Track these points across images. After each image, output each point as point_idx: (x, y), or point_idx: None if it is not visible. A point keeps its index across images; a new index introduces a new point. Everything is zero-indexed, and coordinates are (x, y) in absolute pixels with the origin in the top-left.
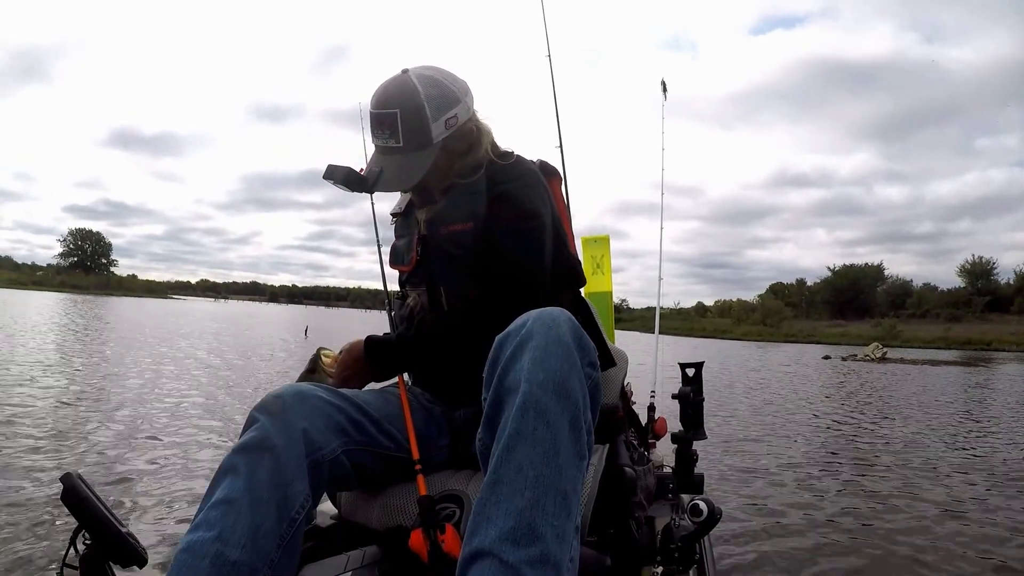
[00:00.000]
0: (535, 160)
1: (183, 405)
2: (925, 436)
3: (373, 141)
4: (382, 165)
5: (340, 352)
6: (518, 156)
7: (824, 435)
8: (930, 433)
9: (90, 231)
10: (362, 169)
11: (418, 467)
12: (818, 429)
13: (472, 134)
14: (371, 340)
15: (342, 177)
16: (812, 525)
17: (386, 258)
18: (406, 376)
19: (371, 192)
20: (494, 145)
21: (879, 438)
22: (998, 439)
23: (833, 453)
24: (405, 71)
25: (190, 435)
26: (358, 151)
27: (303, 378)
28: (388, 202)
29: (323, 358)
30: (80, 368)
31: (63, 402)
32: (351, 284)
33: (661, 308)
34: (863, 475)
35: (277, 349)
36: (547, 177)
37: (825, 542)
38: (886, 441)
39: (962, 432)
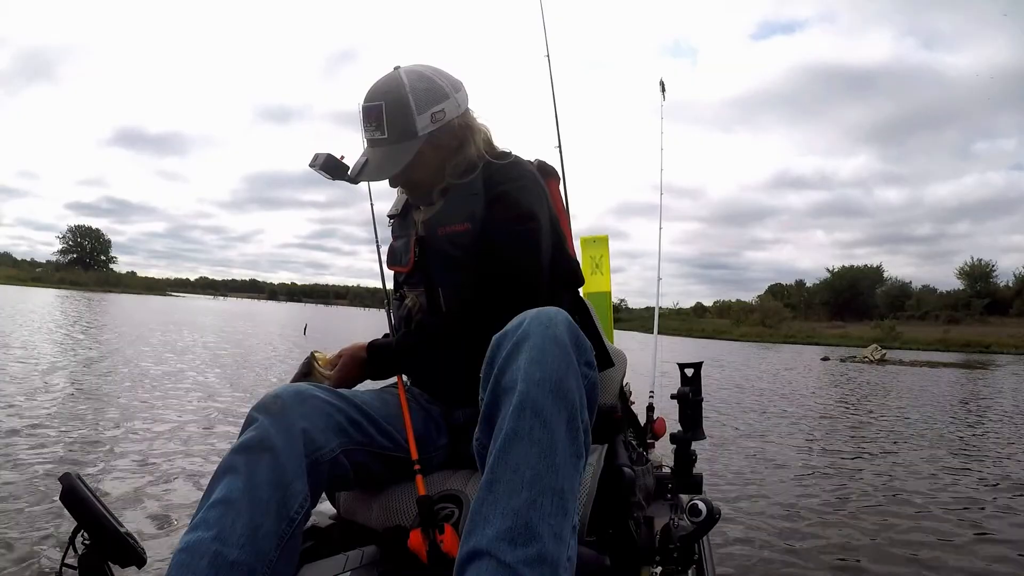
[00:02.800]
0: (533, 160)
1: (184, 404)
2: (925, 439)
3: (364, 135)
4: (368, 156)
5: (339, 355)
6: (515, 156)
7: (824, 436)
8: (930, 435)
9: (89, 228)
10: (343, 156)
11: (417, 467)
12: (818, 430)
13: (463, 131)
14: (374, 345)
15: (322, 163)
16: (811, 525)
17: (384, 258)
18: (404, 376)
19: (354, 182)
20: (490, 145)
21: (879, 440)
22: (997, 442)
23: (833, 454)
24: (397, 68)
25: (190, 434)
26: (359, 150)
27: (297, 381)
28: (387, 202)
29: (317, 361)
30: (79, 366)
31: (63, 401)
32: (351, 282)
33: (660, 308)
34: (863, 477)
35: (278, 347)
36: (545, 177)
37: (825, 542)
38: (886, 443)
39: (962, 434)
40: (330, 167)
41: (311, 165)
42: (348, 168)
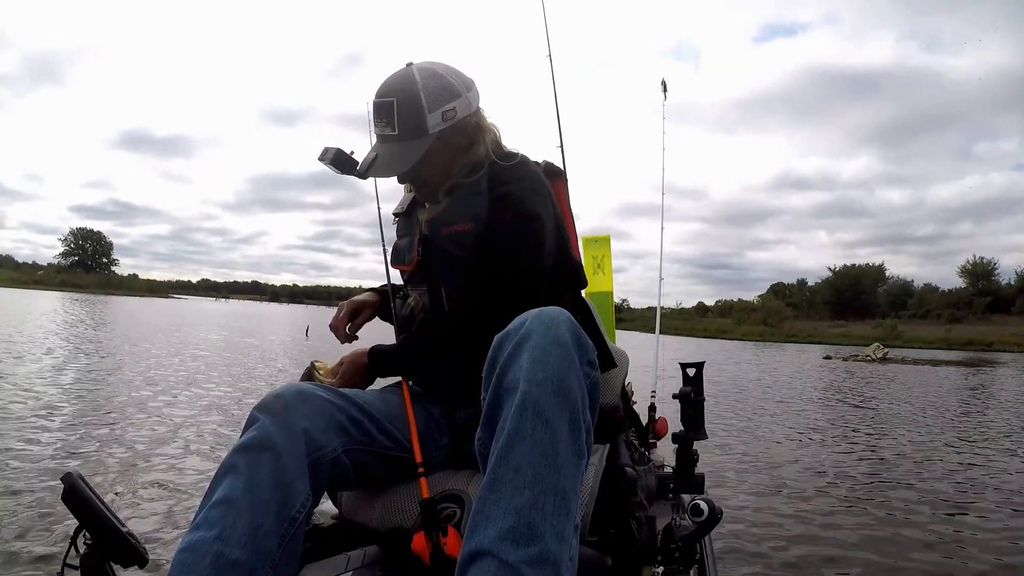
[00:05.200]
0: (540, 161)
1: (185, 404)
2: (929, 438)
3: (373, 131)
4: (377, 152)
5: (341, 362)
6: (523, 157)
7: (826, 436)
8: (934, 435)
9: (91, 230)
10: (352, 152)
11: (421, 469)
12: (820, 430)
13: (473, 130)
14: (375, 351)
15: (332, 157)
16: (814, 525)
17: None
18: None
19: (363, 177)
20: (498, 145)
21: (882, 439)
22: (1001, 440)
23: (836, 454)
24: (409, 64)
25: (192, 434)
26: (365, 152)
27: None
28: (392, 202)
29: (317, 370)
30: (81, 366)
31: (64, 401)
32: (353, 284)
33: (662, 308)
34: (867, 476)
35: (280, 348)
36: (551, 178)
37: (827, 543)
38: (890, 442)
39: (966, 433)
40: (339, 161)
41: (320, 159)
42: (357, 163)
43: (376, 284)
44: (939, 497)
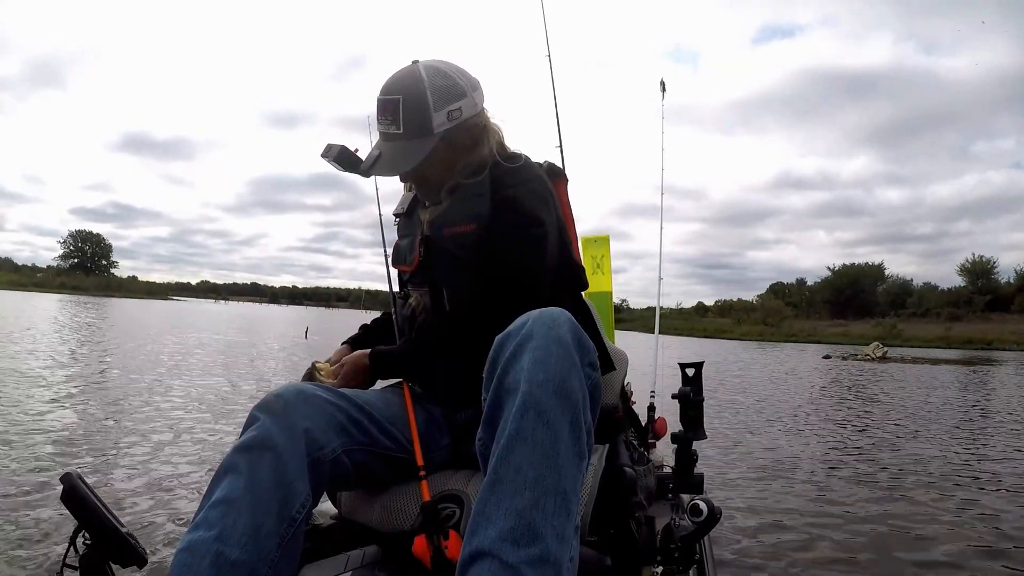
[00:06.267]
0: (543, 162)
1: (185, 404)
2: (929, 435)
3: (377, 128)
4: (381, 150)
5: (342, 364)
6: (526, 159)
7: (826, 435)
8: (934, 432)
9: (91, 233)
10: (357, 150)
11: (422, 473)
12: (820, 429)
13: (478, 130)
14: (376, 353)
15: (335, 154)
16: (813, 525)
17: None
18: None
19: (366, 175)
20: (501, 146)
21: (882, 438)
22: (1002, 437)
23: (835, 453)
24: (415, 62)
25: (192, 434)
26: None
27: None
28: (393, 204)
29: (318, 372)
30: (81, 366)
31: (64, 401)
32: (352, 285)
33: (662, 308)
34: (867, 475)
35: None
36: (553, 179)
37: (827, 542)
38: (890, 441)
39: (967, 431)
40: (343, 159)
41: (323, 156)
42: (360, 161)
43: (375, 285)
44: (944, 495)
